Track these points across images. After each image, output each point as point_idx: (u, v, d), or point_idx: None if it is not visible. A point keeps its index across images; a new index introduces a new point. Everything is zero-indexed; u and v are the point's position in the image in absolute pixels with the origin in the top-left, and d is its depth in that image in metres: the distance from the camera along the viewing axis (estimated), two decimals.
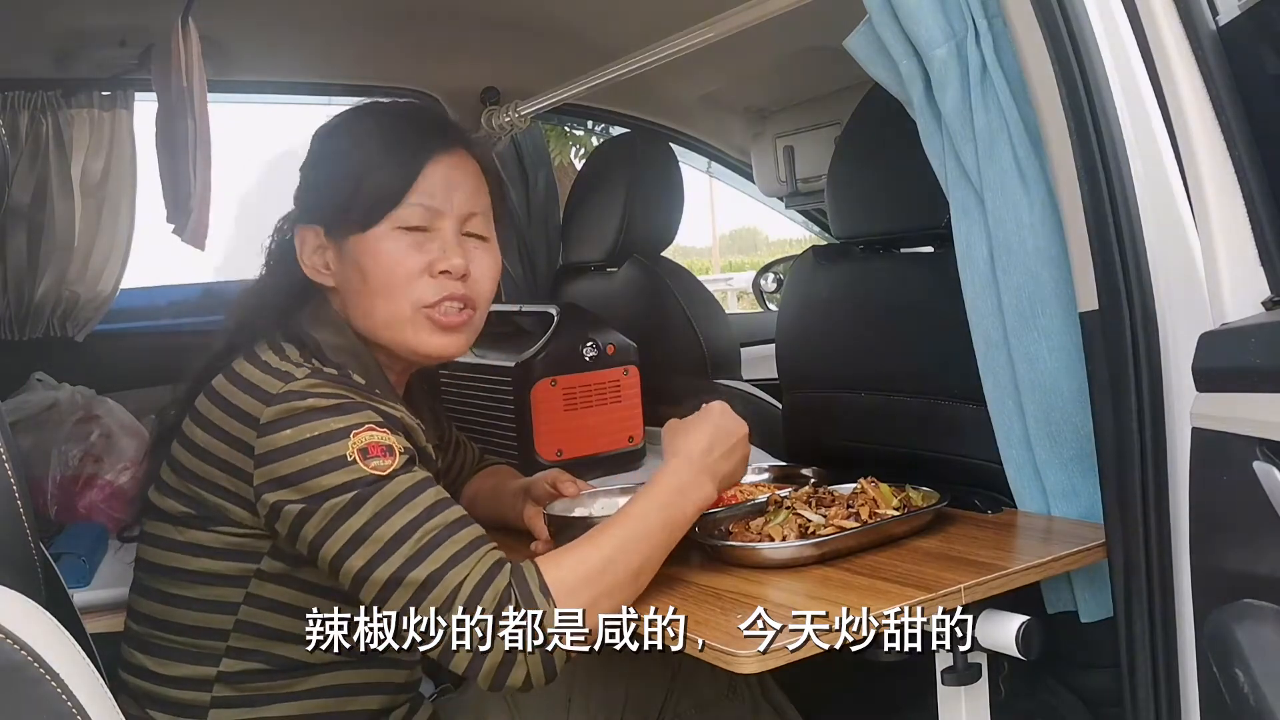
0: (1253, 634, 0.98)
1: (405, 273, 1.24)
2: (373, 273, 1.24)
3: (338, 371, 1.21)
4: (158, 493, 1.24)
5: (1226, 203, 1.11)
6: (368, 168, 1.25)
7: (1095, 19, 1.16)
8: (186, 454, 1.20)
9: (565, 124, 7.28)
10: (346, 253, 1.26)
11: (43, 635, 0.82)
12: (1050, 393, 1.31)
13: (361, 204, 1.24)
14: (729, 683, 1.48)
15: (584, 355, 1.87)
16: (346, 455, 1.09)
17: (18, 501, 0.93)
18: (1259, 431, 0.99)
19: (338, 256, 1.27)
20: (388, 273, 1.24)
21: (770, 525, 1.31)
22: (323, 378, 1.17)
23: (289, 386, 1.15)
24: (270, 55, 2.47)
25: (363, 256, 1.24)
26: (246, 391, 1.17)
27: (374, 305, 1.25)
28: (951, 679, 1.20)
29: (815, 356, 1.85)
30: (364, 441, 1.10)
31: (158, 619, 1.23)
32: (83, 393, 2.12)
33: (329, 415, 1.12)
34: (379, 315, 1.26)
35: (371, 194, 1.24)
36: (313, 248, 1.28)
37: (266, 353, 1.22)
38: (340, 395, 1.15)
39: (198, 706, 1.20)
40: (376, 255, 1.24)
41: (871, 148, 1.71)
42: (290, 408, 1.13)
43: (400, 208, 1.24)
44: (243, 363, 1.21)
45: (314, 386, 1.15)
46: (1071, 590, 1.34)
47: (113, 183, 2.30)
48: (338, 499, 1.08)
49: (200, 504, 1.18)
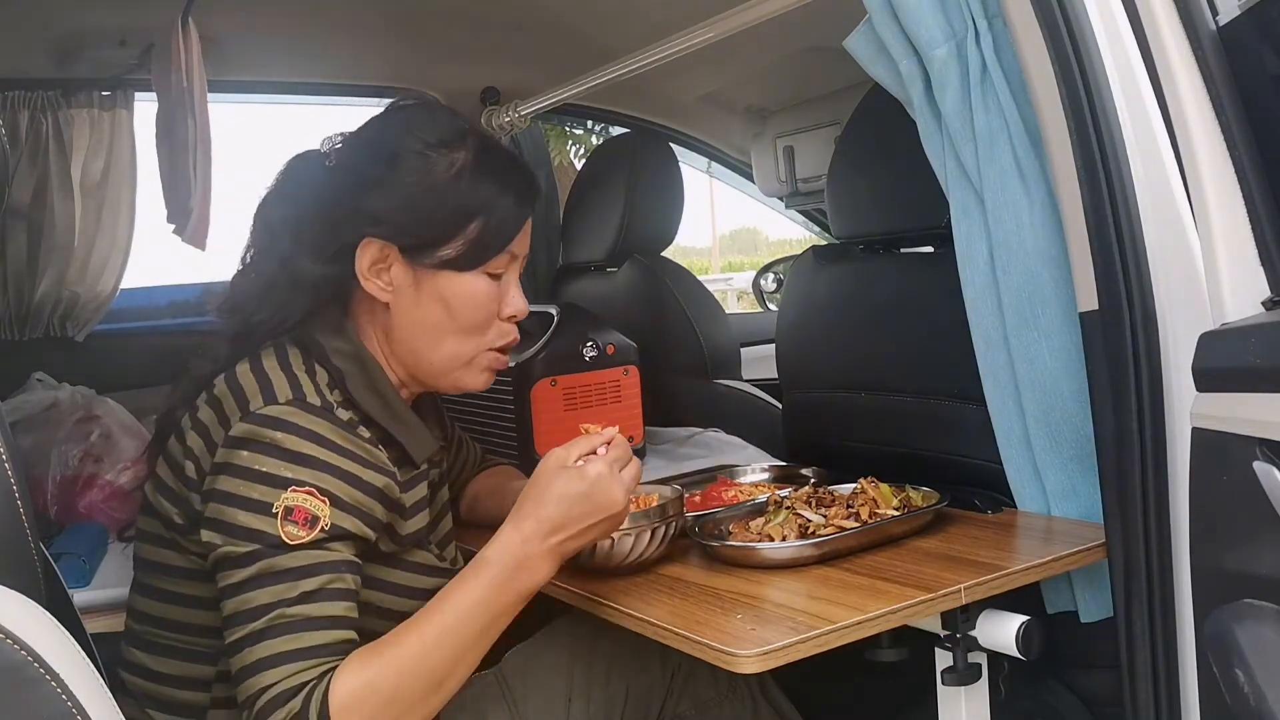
0: (1253, 634, 0.98)
1: (487, 316, 1.26)
2: (460, 312, 1.24)
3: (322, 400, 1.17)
4: (154, 491, 1.24)
5: (1226, 203, 1.11)
6: (475, 210, 1.23)
7: (1095, 19, 1.16)
8: (180, 450, 1.20)
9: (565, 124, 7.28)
10: (427, 281, 1.24)
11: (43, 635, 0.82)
12: (1050, 393, 1.31)
13: (465, 245, 1.23)
14: (729, 683, 1.48)
15: (584, 355, 1.87)
16: (272, 506, 1.09)
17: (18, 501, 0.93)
18: (1259, 431, 0.99)
19: (411, 281, 1.24)
20: (474, 314, 1.25)
21: (770, 525, 1.32)
22: (304, 407, 1.14)
23: (268, 410, 1.13)
24: (270, 55, 2.47)
25: (452, 295, 1.24)
26: (233, 393, 1.17)
27: (443, 340, 1.25)
28: (951, 679, 1.20)
29: (815, 356, 1.85)
30: (294, 501, 1.09)
31: (157, 617, 1.23)
32: (83, 393, 2.12)
33: (283, 459, 1.11)
34: (444, 350, 1.26)
35: (478, 239, 1.23)
36: (375, 262, 1.23)
37: (268, 355, 1.21)
38: (311, 437, 1.13)
39: (196, 706, 1.21)
40: (469, 297, 1.24)
41: (871, 148, 1.71)
42: (257, 432, 1.12)
43: (500, 255, 1.25)
44: (244, 364, 1.20)
45: (291, 417, 1.13)
46: (1071, 590, 1.34)
47: (113, 183, 2.30)
48: (235, 546, 1.09)
49: (187, 504, 1.18)
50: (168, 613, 1.22)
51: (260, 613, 1.07)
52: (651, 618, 1.13)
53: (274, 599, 1.07)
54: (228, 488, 1.11)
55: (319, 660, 1.06)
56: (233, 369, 1.20)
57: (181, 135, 1.96)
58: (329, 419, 1.15)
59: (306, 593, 1.07)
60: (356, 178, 1.24)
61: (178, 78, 1.92)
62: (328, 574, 1.09)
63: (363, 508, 1.14)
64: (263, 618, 1.07)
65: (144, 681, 1.23)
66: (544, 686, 1.37)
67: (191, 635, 1.21)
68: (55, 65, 2.20)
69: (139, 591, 1.26)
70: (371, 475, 1.15)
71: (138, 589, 1.27)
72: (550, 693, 1.38)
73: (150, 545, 1.24)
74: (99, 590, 1.60)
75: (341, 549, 1.11)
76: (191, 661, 1.21)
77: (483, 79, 2.61)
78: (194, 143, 1.94)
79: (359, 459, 1.15)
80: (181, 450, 1.19)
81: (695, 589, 1.22)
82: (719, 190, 8.15)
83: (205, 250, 2.04)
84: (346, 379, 1.22)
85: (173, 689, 1.22)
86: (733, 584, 1.21)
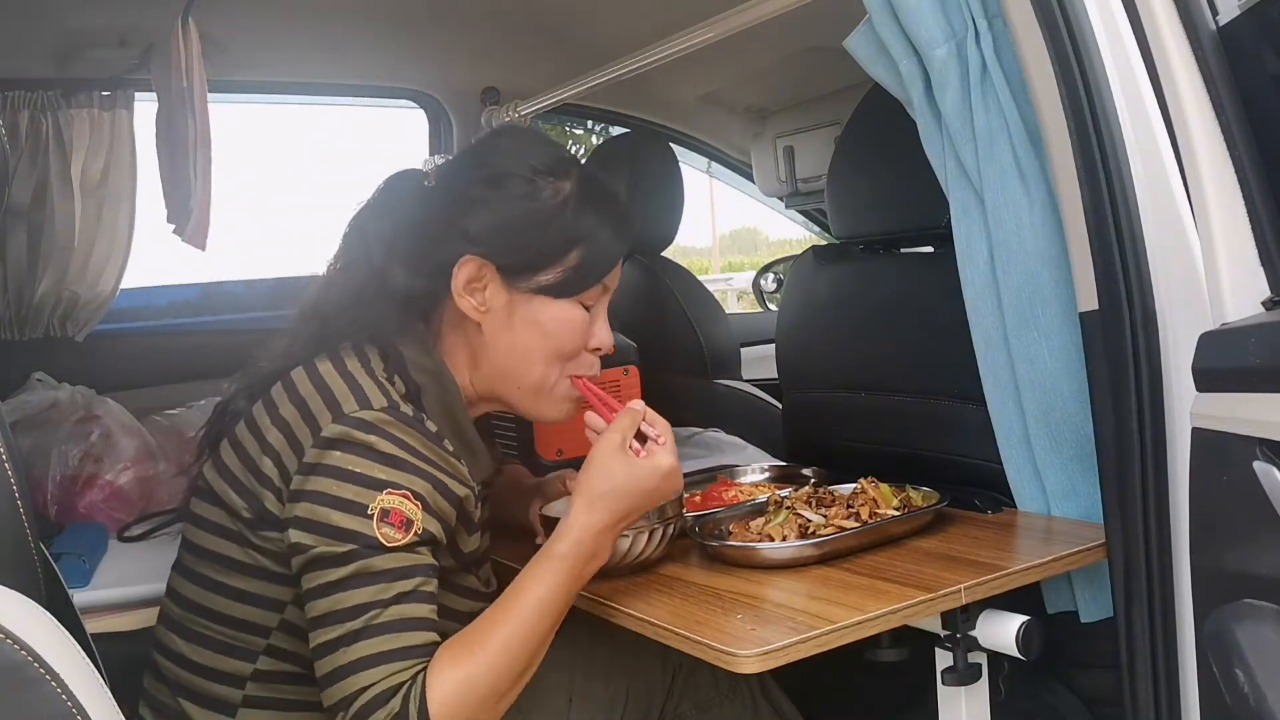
0: (1253, 634, 0.98)
1: (577, 345, 1.28)
2: (554, 336, 1.25)
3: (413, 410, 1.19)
4: (219, 479, 1.23)
5: (1226, 203, 1.11)
6: (577, 239, 1.24)
7: (1095, 19, 1.16)
8: (251, 439, 1.20)
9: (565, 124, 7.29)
10: (522, 304, 1.25)
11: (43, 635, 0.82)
12: (1050, 393, 1.31)
13: (564, 273, 1.24)
14: (729, 683, 1.48)
15: None
16: (368, 508, 1.10)
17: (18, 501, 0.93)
18: (1259, 431, 0.99)
19: (507, 301, 1.25)
20: (563, 341, 1.26)
21: (770, 525, 1.32)
22: (398, 416, 1.16)
23: (362, 414, 1.14)
24: (270, 55, 2.47)
25: (548, 319, 1.25)
26: (320, 393, 1.17)
27: (533, 364, 1.26)
28: (951, 679, 1.20)
29: (815, 356, 1.85)
30: (390, 504, 1.10)
31: (202, 605, 1.22)
32: (83, 393, 2.12)
33: (378, 461, 1.12)
34: (534, 374, 1.27)
35: (577, 269, 1.24)
36: (471, 280, 1.24)
37: (350, 358, 1.21)
38: (402, 445, 1.14)
39: (229, 703, 1.20)
40: (560, 322, 1.25)
41: (871, 148, 1.71)
42: (350, 434, 1.13)
43: (594, 287, 1.27)
44: (325, 361, 1.20)
45: (385, 424, 1.14)
46: (1071, 590, 1.34)
47: (113, 183, 2.29)
48: (331, 546, 1.10)
49: (258, 500, 1.18)
50: (213, 603, 1.21)
51: (356, 613, 1.08)
52: (652, 618, 1.13)
53: (370, 599, 1.08)
54: (320, 488, 1.11)
55: (414, 661, 1.07)
56: (314, 366, 1.20)
57: (181, 135, 1.96)
58: (420, 429, 1.17)
59: (401, 594, 1.09)
60: (459, 196, 1.26)
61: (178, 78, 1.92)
62: (420, 577, 1.11)
63: (445, 516, 1.16)
64: (359, 618, 1.07)
65: (179, 669, 1.23)
66: (545, 686, 1.37)
67: (233, 629, 1.20)
68: (55, 65, 2.20)
69: (184, 576, 1.25)
70: (456, 485, 1.18)
71: (184, 574, 1.26)
72: (551, 692, 1.38)
73: (206, 533, 1.23)
74: (99, 590, 1.60)
75: (428, 554, 1.13)
76: (229, 656, 1.20)
77: (483, 79, 2.61)
78: (194, 143, 1.94)
79: (445, 469, 1.17)
80: (259, 445, 1.18)
81: (695, 589, 1.22)
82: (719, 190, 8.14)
83: (205, 250, 2.04)
84: (423, 393, 1.22)
85: (207, 681, 1.21)
86: (733, 584, 1.21)
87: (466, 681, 1.06)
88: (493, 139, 1.33)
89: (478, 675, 1.07)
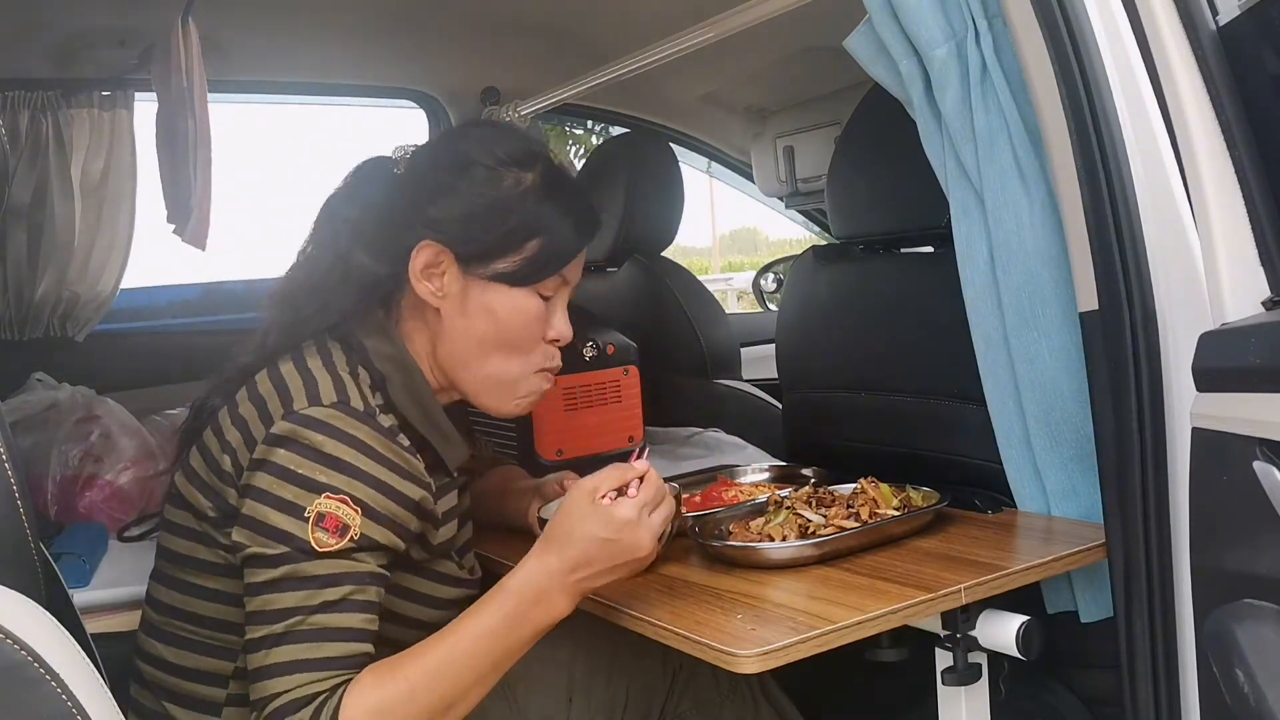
0: (1253, 634, 0.98)
1: (534, 336, 1.27)
2: (507, 326, 1.25)
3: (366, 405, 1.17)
4: (185, 482, 1.23)
5: (1226, 203, 1.11)
6: (537, 228, 1.24)
7: (1095, 19, 1.16)
8: (213, 438, 1.20)
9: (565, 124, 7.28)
10: (477, 292, 1.24)
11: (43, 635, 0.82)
12: (1050, 393, 1.31)
13: (522, 262, 1.24)
14: (730, 682, 1.48)
15: (584, 355, 1.87)
16: (305, 510, 1.09)
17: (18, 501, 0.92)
18: (1259, 431, 0.99)
19: (463, 287, 1.25)
20: (520, 330, 1.26)
21: (770, 525, 1.31)
22: (348, 412, 1.15)
23: (310, 411, 1.14)
24: (270, 55, 2.47)
25: (501, 308, 1.25)
26: (277, 390, 1.17)
27: (489, 355, 1.26)
28: (951, 679, 1.20)
29: (815, 356, 1.85)
30: (327, 508, 1.09)
31: (178, 609, 1.23)
32: (83, 393, 2.12)
33: (321, 463, 1.11)
34: (489, 365, 1.26)
35: (535, 257, 1.24)
36: (429, 265, 1.24)
37: (312, 354, 1.21)
38: (352, 443, 1.13)
39: (213, 702, 1.20)
40: (514, 310, 1.25)
41: (871, 148, 1.71)
42: (297, 432, 1.12)
43: (551, 278, 1.26)
44: (287, 360, 1.20)
45: (333, 420, 1.13)
46: (1071, 590, 1.34)
47: (113, 183, 2.29)
48: (265, 547, 1.09)
49: (221, 498, 1.18)
50: (189, 605, 1.22)
51: (280, 616, 1.07)
52: (651, 618, 1.13)
53: (295, 604, 1.08)
54: (263, 485, 1.11)
55: (333, 672, 1.06)
56: (276, 364, 1.20)
57: (181, 135, 1.96)
58: (371, 425, 1.15)
59: (328, 602, 1.08)
60: (424, 183, 1.26)
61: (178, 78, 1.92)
62: (351, 585, 1.10)
63: (396, 519, 1.15)
64: (282, 622, 1.07)
65: (161, 674, 1.23)
66: (545, 686, 1.38)
67: (212, 629, 1.21)
68: (55, 65, 2.20)
69: (161, 582, 1.26)
70: (408, 486, 1.16)
71: (160, 579, 1.26)
72: (551, 692, 1.38)
73: (176, 537, 1.24)
74: (99, 590, 1.60)
75: (368, 560, 1.12)
76: (210, 656, 1.21)
77: (483, 79, 2.61)
78: (194, 143, 1.94)
79: (397, 469, 1.15)
80: (219, 444, 1.19)
81: (695, 589, 1.22)
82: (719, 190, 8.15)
83: (205, 250, 2.04)
84: (388, 382, 1.22)
85: (190, 683, 1.21)
86: (733, 584, 1.21)
87: (384, 704, 1.04)
88: (463, 129, 1.34)
89: (397, 700, 1.05)
